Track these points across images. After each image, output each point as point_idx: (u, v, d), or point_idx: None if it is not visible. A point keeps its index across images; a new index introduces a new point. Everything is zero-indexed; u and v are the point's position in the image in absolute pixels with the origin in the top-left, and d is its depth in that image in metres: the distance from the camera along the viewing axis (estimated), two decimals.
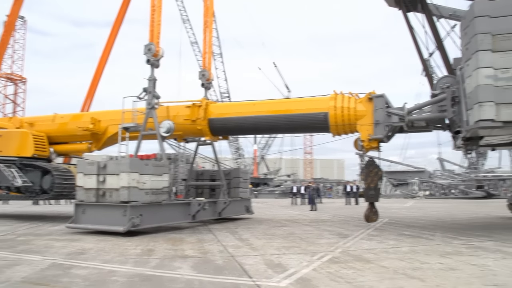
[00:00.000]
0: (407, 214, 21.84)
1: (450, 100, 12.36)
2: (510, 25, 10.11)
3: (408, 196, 49.77)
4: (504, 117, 9.81)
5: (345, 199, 35.15)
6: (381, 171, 13.99)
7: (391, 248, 10.05)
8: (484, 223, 16.60)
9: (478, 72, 10.06)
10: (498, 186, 47.33)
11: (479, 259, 8.57)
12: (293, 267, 7.84)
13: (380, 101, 13.68)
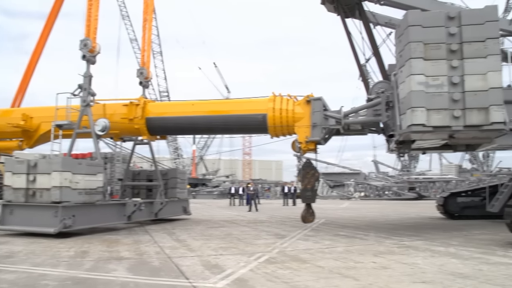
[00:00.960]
0: (343, 215, 22.38)
1: (384, 104, 12.78)
2: (440, 35, 10.57)
3: (344, 197, 50.97)
4: (434, 122, 10.25)
5: (282, 200, 35.56)
6: (318, 173, 14.24)
7: (327, 248, 10.26)
8: (415, 223, 17.29)
9: (410, 78, 10.46)
10: (429, 188, 49.41)
11: (409, 257, 8.92)
12: (230, 267, 7.84)
13: (318, 104, 13.93)
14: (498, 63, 10.54)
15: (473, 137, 11.41)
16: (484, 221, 16.43)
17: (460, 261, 8.44)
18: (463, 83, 10.33)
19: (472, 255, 9.18)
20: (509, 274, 7.21)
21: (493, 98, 10.22)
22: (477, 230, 13.96)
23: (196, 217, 20.33)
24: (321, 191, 54.24)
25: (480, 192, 18.11)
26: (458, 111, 10.23)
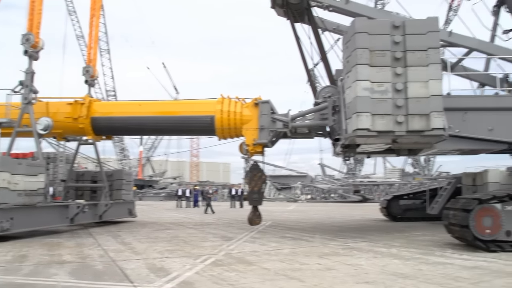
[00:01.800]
0: (289, 217, 22.59)
1: (331, 109, 13.04)
2: (386, 43, 10.88)
3: (291, 199, 51.45)
4: (379, 127, 10.54)
5: (230, 202, 35.54)
6: (265, 175, 14.34)
7: (273, 250, 10.35)
8: (359, 225, 17.71)
9: (356, 84, 10.70)
10: (373, 191, 50.61)
11: (353, 259, 9.12)
12: (176, 270, 7.77)
13: (266, 107, 14.04)
14: (438, 71, 10.97)
15: (415, 142, 11.80)
16: (424, 223, 17.04)
17: (402, 262, 8.72)
18: (406, 90, 10.67)
19: (412, 255, 9.50)
20: (446, 273, 7.51)
21: (434, 105, 10.63)
22: (418, 231, 14.45)
23: (142, 220, 20.00)
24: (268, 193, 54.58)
25: (421, 195, 18.78)
26: (401, 116, 10.56)
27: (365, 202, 43.51)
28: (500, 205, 10.02)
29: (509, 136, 12.63)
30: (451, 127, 11.90)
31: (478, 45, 14.24)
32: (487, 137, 12.61)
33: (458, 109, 12.45)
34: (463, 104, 12.67)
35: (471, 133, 12.53)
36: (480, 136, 12.58)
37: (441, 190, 16.17)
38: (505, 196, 10.14)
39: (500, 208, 9.99)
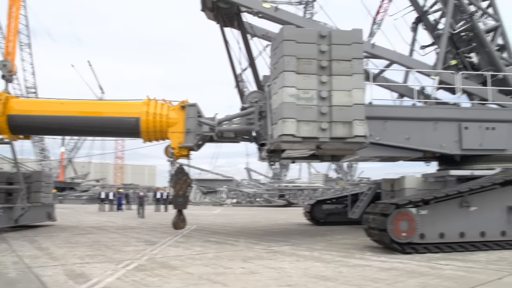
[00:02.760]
0: (215, 221, 22.58)
1: (257, 114, 13.18)
2: (312, 52, 11.14)
3: (217, 203, 51.41)
4: (303, 133, 10.77)
5: (154, 206, 34.98)
6: (190, 179, 14.23)
7: (197, 255, 10.28)
8: (284, 229, 17.99)
9: (283, 90, 10.86)
10: (297, 195, 51.63)
11: (277, 262, 9.24)
12: (96, 276, 7.53)
13: (193, 110, 13.94)
14: (361, 81, 11.39)
15: (338, 149, 12.15)
16: (346, 227, 17.56)
17: (323, 265, 8.95)
18: (331, 98, 10.97)
19: (334, 258, 9.78)
20: (365, 275, 7.79)
21: (356, 113, 11.03)
22: (339, 235, 14.88)
23: (62, 223, 19.21)
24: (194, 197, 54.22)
25: (343, 200, 19.38)
26: (325, 123, 10.84)
27: (289, 207, 44.21)
28: (415, 210, 10.56)
29: (424, 144, 13.40)
30: (372, 135, 12.41)
31: (398, 58, 14.95)
32: (405, 145, 13.29)
33: (378, 118, 13.03)
34: (383, 113, 13.28)
35: (390, 141, 13.15)
36: (398, 144, 13.24)
37: (362, 195, 16.79)
38: (420, 201, 10.69)
39: (415, 212, 10.53)
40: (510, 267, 8.50)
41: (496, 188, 11.32)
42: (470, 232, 11.02)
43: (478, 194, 11.15)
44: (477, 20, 15.44)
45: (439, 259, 9.55)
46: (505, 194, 11.42)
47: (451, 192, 10.93)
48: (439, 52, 15.15)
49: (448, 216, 10.92)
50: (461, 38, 15.75)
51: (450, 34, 15.24)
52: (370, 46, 14.59)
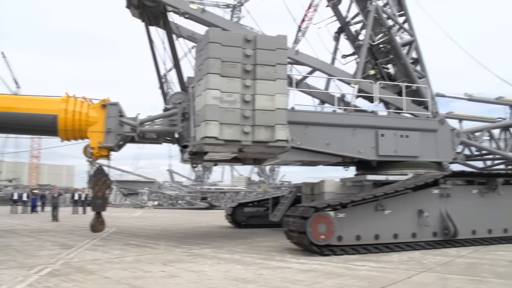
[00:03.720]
0: (135, 224, 22.07)
1: (180, 115, 13.04)
2: (237, 55, 11.19)
3: (138, 205, 50.32)
4: (226, 136, 10.79)
5: (72, 208, 33.67)
6: (110, 180, 13.82)
7: (116, 258, 9.99)
8: (205, 232, 17.91)
9: (207, 92, 10.82)
10: (220, 198, 51.67)
11: (197, 265, 9.16)
12: (5, 283, 7.08)
13: (114, 109, 13.54)
14: (285, 87, 11.60)
15: (260, 152, 12.29)
16: (267, 230, 17.79)
17: (244, 267, 8.99)
18: (254, 102, 11.07)
19: (254, 261, 9.84)
20: (284, 277, 7.91)
21: (279, 118, 11.20)
22: (261, 237, 15.01)
23: None
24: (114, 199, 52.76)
25: (265, 203, 19.60)
26: (248, 127, 10.92)
27: (212, 209, 44.14)
28: (333, 213, 10.87)
29: (343, 150, 13.88)
30: (294, 140, 12.66)
31: (320, 66, 15.35)
32: (325, 150, 13.69)
33: (300, 123, 13.34)
34: (305, 118, 13.60)
35: (311, 146, 13.50)
36: (319, 149, 13.62)
37: (283, 198, 17.07)
38: (338, 204, 11.03)
39: (333, 215, 10.84)
40: (419, 266, 8.96)
41: (408, 193, 11.93)
42: (384, 234, 11.53)
43: (392, 198, 11.69)
44: (394, 34, 16.23)
45: (355, 260, 9.88)
46: (416, 198, 12.07)
47: (367, 196, 11.38)
48: (359, 62, 15.75)
49: (364, 219, 11.36)
50: (379, 49, 16.49)
51: (369, 45, 15.88)
52: (294, 53, 14.88)
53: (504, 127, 18.65)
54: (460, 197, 12.61)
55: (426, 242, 11.82)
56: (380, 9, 16.10)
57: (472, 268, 8.87)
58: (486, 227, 12.82)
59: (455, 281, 7.57)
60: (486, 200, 12.97)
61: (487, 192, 13.00)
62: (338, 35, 17.69)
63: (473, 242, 12.21)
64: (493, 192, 13.01)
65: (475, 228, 12.63)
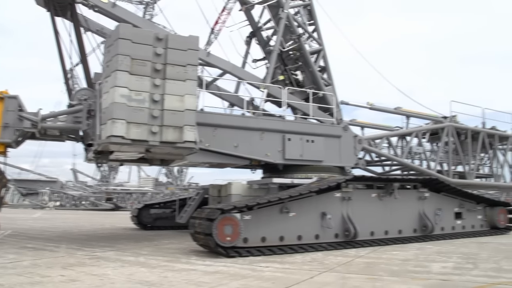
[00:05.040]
0: (34, 226, 20.87)
1: (86, 112, 12.54)
2: (147, 53, 11.00)
3: (38, 206, 47.66)
4: (133, 136, 10.54)
5: None
6: (6, 179, 12.99)
7: (10, 263, 9.36)
8: (109, 234, 17.34)
9: (114, 90, 10.52)
10: (126, 199, 50.38)
11: (100, 269, 8.84)
12: None
13: (13, 102, 12.70)
14: (194, 88, 11.56)
15: (168, 153, 12.15)
16: (174, 232, 17.58)
17: (148, 270, 8.80)
18: (163, 102, 10.94)
19: (159, 263, 9.68)
20: (189, 279, 7.86)
21: (188, 119, 11.16)
22: (167, 240, 14.79)
23: None
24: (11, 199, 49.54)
25: (172, 204, 19.38)
26: (156, 127, 10.77)
27: (117, 210, 43.04)
28: (240, 215, 10.99)
29: (250, 153, 14.08)
30: (202, 141, 12.66)
31: (231, 69, 15.48)
32: (233, 152, 13.81)
33: (209, 125, 13.36)
34: (214, 120, 13.63)
35: (219, 148, 13.55)
36: (227, 151, 13.71)
37: (190, 200, 16.98)
38: (244, 206, 11.17)
39: (240, 217, 10.96)
40: (321, 267, 9.30)
41: (312, 196, 12.35)
42: (288, 236, 11.85)
43: (297, 201, 12.06)
44: (304, 41, 16.76)
45: (260, 261, 10.04)
46: (320, 201, 12.54)
47: (273, 199, 11.62)
48: (269, 67, 16.04)
49: (269, 221, 11.60)
50: (289, 56, 16.95)
51: (279, 52, 16.27)
52: (206, 54, 14.89)
53: (401, 136, 19.89)
54: (360, 201, 13.30)
55: (328, 243, 12.30)
56: (291, 17, 16.56)
57: (370, 267, 9.33)
58: (383, 229, 13.62)
59: (354, 280, 7.94)
60: (383, 204, 13.78)
61: (384, 196, 13.82)
62: (250, 39, 17.94)
63: (371, 243, 12.90)
64: (390, 196, 13.85)
65: (374, 229, 13.37)
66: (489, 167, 22.17)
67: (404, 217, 14.18)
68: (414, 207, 14.50)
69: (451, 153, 20.06)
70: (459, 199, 15.79)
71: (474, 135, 20.95)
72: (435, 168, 19.59)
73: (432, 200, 14.90)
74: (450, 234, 14.98)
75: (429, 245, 13.17)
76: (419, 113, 21.15)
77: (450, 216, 15.43)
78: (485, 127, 21.64)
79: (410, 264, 9.64)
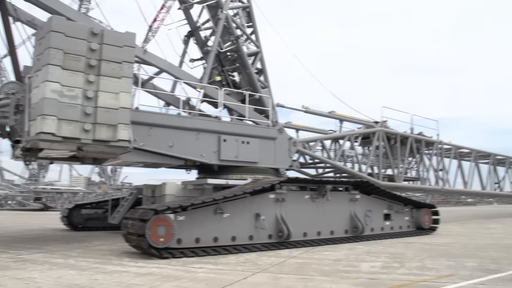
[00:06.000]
0: None
1: (13, 107, 11.94)
2: (81, 48, 10.69)
3: None
4: (64, 133, 10.20)
5: None
6: None
7: None
8: (37, 235, 16.65)
9: (45, 85, 10.14)
10: (56, 199, 48.56)
11: (26, 272, 8.50)
12: None
13: None
14: (130, 85, 11.37)
15: (101, 152, 11.84)
16: (106, 233, 17.15)
17: (78, 272, 8.54)
18: (97, 99, 10.68)
19: (90, 265, 9.42)
20: (121, 281, 7.71)
21: (122, 117, 10.95)
22: (98, 241, 14.42)
23: None
24: None
25: (104, 205, 18.88)
26: (89, 124, 10.49)
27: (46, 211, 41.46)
28: (173, 216, 10.90)
29: (186, 153, 14.00)
30: (137, 140, 12.44)
31: (168, 68, 15.30)
32: (168, 152, 13.67)
33: (144, 123, 13.14)
34: (149, 119, 13.42)
35: (154, 147, 13.37)
36: (162, 151, 13.56)
37: (123, 200, 16.62)
38: (178, 207, 11.07)
39: (173, 218, 10.86)
40: (254, 267, 9.39)
41: (247, 197, 12.43)
42: (223, 237, 11.87)
43: (231, 201, 12.09)
44: (241, 43, 16.84)
45: (193, 262, 9.99)
46: (254, 202, 12.64)
47: (207, 200, 11.61)
48: (206, 67, 16.01)
49: (204, 222, 11.57)
50: (227, 57, 16.97)
51: (217, 52, 16.25)
52: (143, 52, 14.64)
53: (334, 139, 20.47)
54: (293, 202, 13.52)
55: (262, 244, 12.43)
56: (230, 18, 16.61)
57: (302, 267, 9.52)
58: (316, 230, 13.92)
59: (286, 280, 8.08)
60: (316, 205, 14.09)
61: (317, 197, 14.13)
62: (188, 39, 17.81)
63: (304, 244, 13.14)
64: (322, 197, 14.17)
65: (306, 230, 13.64)
66: (416, 171, 23.27)
67: (336, 218, 14.55)
68: (345, 208, 14.92)
69: (381, 156, 20.88)
70: (388, 201, 16.39)
71: (403, 140, 21.96)
72: (366, 171, 20.35)
73: (363, 202, 15.39)
74: (379, 234, 15.53)
75: (360, 245, 13.60)
76: (352, 117, 21.86)
77: (380, 218, 16.00)
78: (413, 132, 22.71)
79: (341, 264, 9.92)
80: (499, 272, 8.65)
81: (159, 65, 15.13)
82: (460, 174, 25.84)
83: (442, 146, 24.54)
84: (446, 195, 46.05)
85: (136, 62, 13.53)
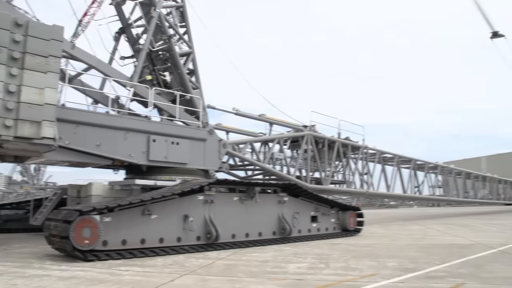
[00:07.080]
0: None
1: None
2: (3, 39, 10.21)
3: None
4: None
5: None
6: None
7: None
8: None
9: None
10: None
11: None
12: None
13: None
14: (56, 81, 10.97)
15: (23, 149, 11.33)
16: (27, 235, 16.37)
17: None
18: (20, 94, 10.22)
19: (8, 269, 8.96)
20: (42, 286, 7.43)
21: (47, 113, 10.53)
22: (18, 243, 13.75)
23: None
24: None
25: (26, 205, 18.04)
26: (10, 120, 10.02)
27: None
28: (99, 217, 10.60)
29: (114, 153, 13.66)
30: (62, 138, 12.01)
31: (97, 64, 14.84)
32: (95, 151, 13.27)
33: (70, 121, 12.68)
34: (76, 117, 12.95)
35: (81, 146, 12.94)
36: (89, 150, 13.14)
37: (47, 200, 15.93)
38: (104, 208, 10.77)
39: (99, 219, 10.56)
40: (182, 269, 9.33)
41: (175, 198, 12.32)
42: (150, 238, 11.67)
43: (159, 203, 11.94)
44: (174, 43, 16.65)
45: (120, 265, 9.77)
46: (182, 203, 12.55)
47: (134, 201, 11.39)
48: (137, 66, 15.67)
49: (131, 223, 11.33)
50: (158, 56, 16.72)
51: (149, 51, 15.96)
52: (71, 46, 14.10)
53: (264, 142, 20.72)
54: (222, 204, 13.54)
55: (190, 246, 12.35)
56: (163, 17, 16.37)
57: (230, 269, 9.57)
58: (244, 231, 14.01)
59: (214, 282, 8.09)
60: (245, 207, 14.19)
61: (246, 199, 14.23)
62: (119, 35, 17.37)
63: (233, 245, 13.18)
64: (251, 199, 14.30)
65: (235, 232, 13.70)
66: (342, 174, 24.04)
67: (264, 220, 14.73)
68: (273, 210, 15.13)
69: (309, 160, 21.38)
70: (315, 204, 16.80)
71: (331, 144, 22.62)
72: (295, 174, 20.73)
73: (291, 204, 15.68)
74: (306, 236, 15.87)
75: (287, 247, 13.84)
76: (282, 121, 22.21)
77: (307, 219, 16.36)
78: (340, 137, 23.42)
79: (268, 265, 10.06)
80: (416, 271, 9.14)
81: (88, 61, 14.64)
82: (383, 178, 26.93)
83: (367, 151, 25.49)
84: (370, 198, 48.05)
85: (63, 57, 13.07)
